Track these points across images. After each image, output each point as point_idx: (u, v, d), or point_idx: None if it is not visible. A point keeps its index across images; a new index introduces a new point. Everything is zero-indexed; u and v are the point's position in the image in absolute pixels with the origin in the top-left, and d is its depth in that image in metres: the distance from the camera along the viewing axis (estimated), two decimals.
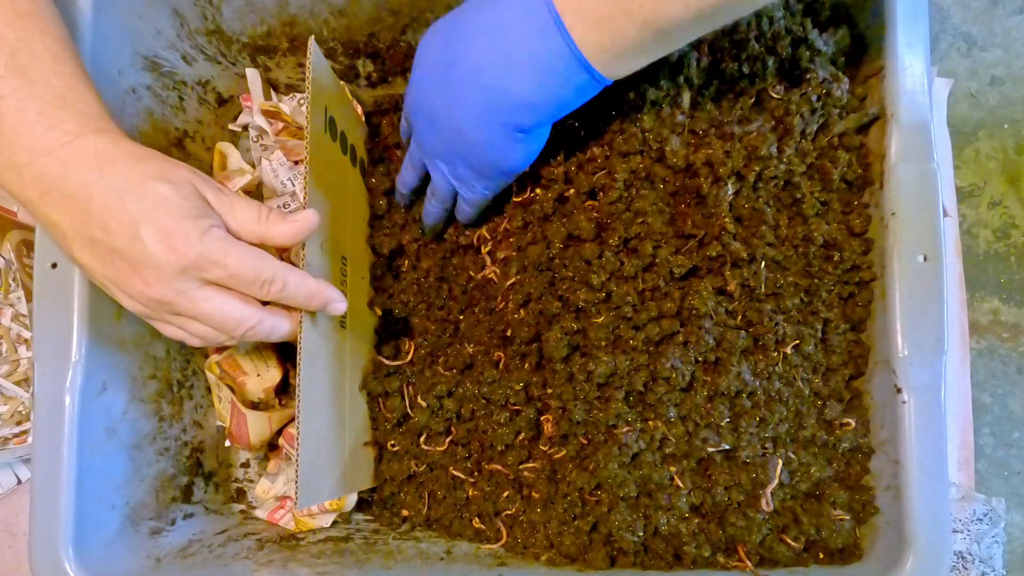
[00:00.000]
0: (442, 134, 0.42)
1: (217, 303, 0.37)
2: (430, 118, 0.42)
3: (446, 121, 0.41)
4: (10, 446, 0.55)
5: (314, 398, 0.41)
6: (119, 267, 0.36)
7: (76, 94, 0.37)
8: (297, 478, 0.38)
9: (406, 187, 0.50)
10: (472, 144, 0.41)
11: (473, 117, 0.40)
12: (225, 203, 0.38)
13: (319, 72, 0.42)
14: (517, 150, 0.41)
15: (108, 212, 0.34)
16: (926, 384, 0.40)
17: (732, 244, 0.43)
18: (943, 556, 0.39)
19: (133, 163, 0.36)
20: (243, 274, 0.36)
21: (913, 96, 0.42)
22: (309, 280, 0.39)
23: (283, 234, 0.39)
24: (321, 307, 0.40)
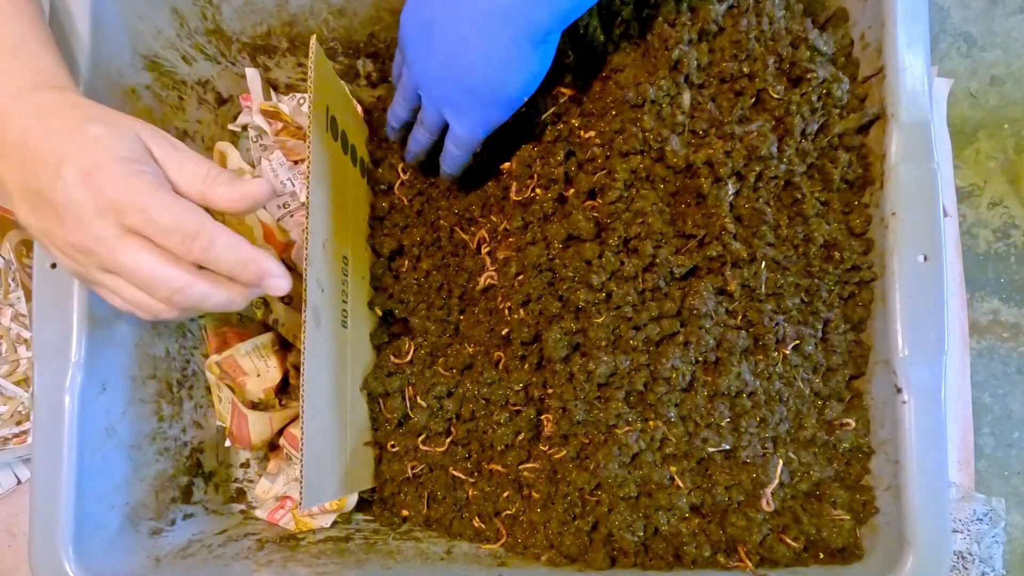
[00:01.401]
0: (440, 53, 0.40)
1: (140, 256, 0.33)
2: (427, 33, 0.39)
3: (447, 32, 0.38)
4: (10, 446, 0.55)
5: (317, 398, 0.41)
6: (45, 214, 0.33)
7: (30, 48, 0.36)
8: (301, 479, 0.38)
9: (397, 120, 0.48)
10: (474, 59, 0.38)
11: (480, 22, 0.37)
12: (173, 156, 0.35)
13: (321, 71, 0.42)
14: (524, 67, 0.39)
15: (38, 155, 0.33)
16: (926, 384, 0.40)
17: (732, 244, 0.43)
18: (943, 556, 0.39)
19: (75, 110, 0.34)
20: (164, 223, 0.33)
21: (913, 96, 0.42)
22: (243, 245, 0.35)
23: (226, 197, 0.35)
24: (255, 279, 0.36)
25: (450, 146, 0.45)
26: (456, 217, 0.51)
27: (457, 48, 0.39)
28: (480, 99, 0.41)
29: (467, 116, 0.42)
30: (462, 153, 0.45)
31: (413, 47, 0.42)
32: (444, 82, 0.41)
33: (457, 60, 0.39)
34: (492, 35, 0.37)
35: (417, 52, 0.41)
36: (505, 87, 0.40)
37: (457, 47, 0.39)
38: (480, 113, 0.42)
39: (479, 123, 0.42)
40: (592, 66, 0.46)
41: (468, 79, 0.40)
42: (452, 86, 0.41)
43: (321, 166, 0.42)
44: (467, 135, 0.43)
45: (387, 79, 0.56)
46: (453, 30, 0.38)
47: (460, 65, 0.39)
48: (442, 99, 0.42)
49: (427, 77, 0.42)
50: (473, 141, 0.44)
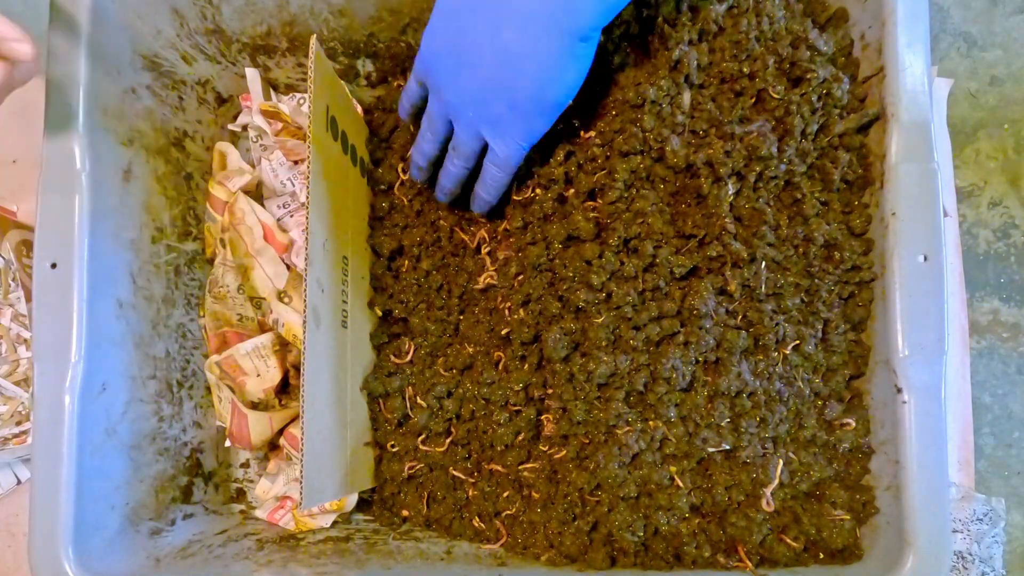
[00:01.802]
0: (478, 69, 0.37)
1: None
2: (459, 53, 0.38)
3: (485, 46, 0.36)
4: (10, 446, 0.55)
5: (317, 398, 0.41)
6: None
7: None
8: (301, 479, 0.38)
9: (425, 158, 0.46)
10: (519, 67, 0.36)
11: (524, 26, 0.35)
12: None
13: (321, 71, 0.42)
14: (572, 67, 0.37)
15: None
16: (926, 384, 0.40)
17: (732, 244, 0.43)
18: (943, 556, 0.39)
19: None
20: None
21: (913, 96, 0.42)
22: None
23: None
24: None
25: (492, 169, 0.42)
26: (456, 217, 0.51)
27: (498, 59, 0.37)
28: (525, 110, 0.39)
29: (511, 131, 0.40)
30: (505, 175, 0.43)
31: (442, 72, 0.40)
32: (484, 100, 0.39)
33: (499, 72, 0.37)
34: (538, 38, 0.36)
35: (448, 76, 0.39)
36: (553, 92, 0.38)
37: (498, 58, 0.37)
38: (525, 125, 0.40)
39: (525, 136, 0.40)
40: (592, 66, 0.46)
41: (512, 90, 0.38)
42: (493, 101, 0.39)
43: (321, 166, 0.42)
44: (512, 153, 0.41)
45: (387, 79, 0.56)
46: (491, 42, 0.36)
47: (503, 77, 0.37)
48: (482, 119, 0.40)
49: (463, 99, 0.40)
50: (518, 158, 0.42)
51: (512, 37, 0.36)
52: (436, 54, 0.40)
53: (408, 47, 0.52)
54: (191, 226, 0.54)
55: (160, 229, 0.50)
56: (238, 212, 0.53)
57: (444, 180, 0.46)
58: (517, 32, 0.36)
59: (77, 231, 0.42)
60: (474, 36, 0.37)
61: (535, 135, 0.41)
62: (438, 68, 0.40)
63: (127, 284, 0.46)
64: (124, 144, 0.46)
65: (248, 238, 0.52)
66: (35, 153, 0.58)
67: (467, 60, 0.38)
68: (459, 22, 0.38)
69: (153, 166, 0.49)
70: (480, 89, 0.39)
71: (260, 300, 0.53)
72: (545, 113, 0.40)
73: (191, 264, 0.54)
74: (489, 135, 0.41)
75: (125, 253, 0.46)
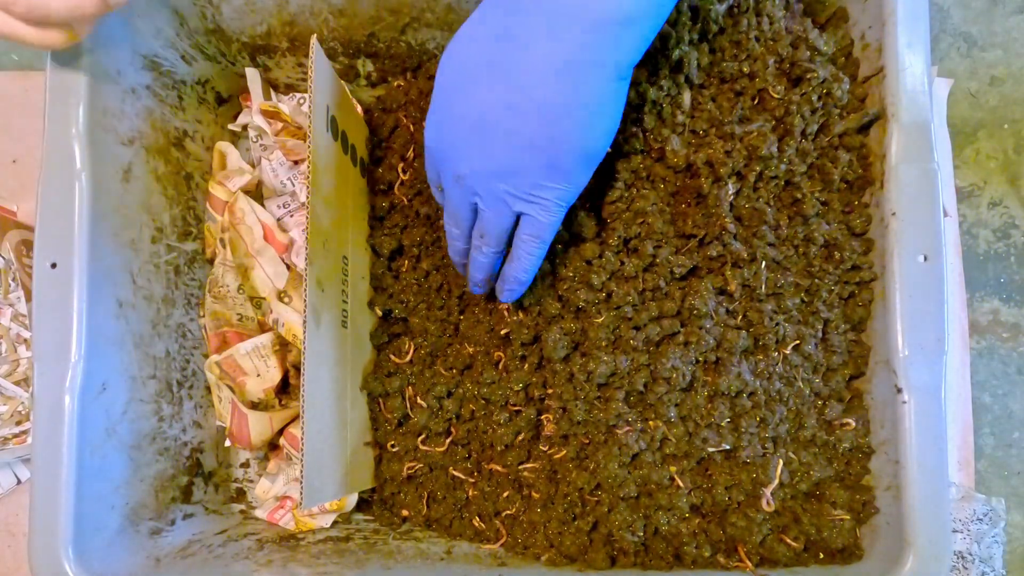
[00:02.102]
0: (510, 133, 0.34)
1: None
2: (483, 125, 0.34)
3: (518, 103, 0.33)
4: (10, 446, 0.55)
5: (318, 398, 0.41)
6: None
7: None
8: (302, 479, 0.38)
9: (460, 254, 0.42)
10: (560, 119, 0.33)
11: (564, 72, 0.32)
12: None
13: (321, 71, 0.42)
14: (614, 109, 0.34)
15: None
16: (926, 384, 0.40)
17: (732, 244, 0.43)
18: (943, 556, 0.39)
19: None
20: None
21: (913, 96, 0.42)
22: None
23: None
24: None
25: (528, 244, 0.38)
26: None
27: (535, 118, 0.33)
28: (568, 167, 0.35)
29: (553, 194, 0.36)
30: (543, 248, 0.38)
31: (462, 154, 0.36)
32: (518, 168, 0.35)
33: (537, 131, 0.33)
34: (581, 85, 0.32)
35: (470, 156, 0.35)
36: (596, 140, 0.35)
37: (535, 117, 0.33)
38: (568, 184, 0.36)
39: (567, 196, 0.36)
40: None
41: (553, 148, 0.34)
42: (532, 166, 0.35)
43: (321, 166, 0.42)
44: (554, 220, 0.37)
45: (387, 79, 0.56)
46: (524, 101, 0.33)
47: (541, 136, 0.33)
48: (518, 190, 0.36)
49: (492, 175, 0.36)
50: (558, 224, 0.38)
51: (552, 90, 0.32)
52: (450, 139, 0.36)
53: (408, 47, 0.52)
54: (191, 226, 0.54)
55: (160, 229, 0.50)
56: (238, 212, 0.53)
57: (476, 273, 0.42)
58: (557, 83, 0.32)
59: (77, 231, 0.42)
60: (497, 102, 0.33)
61: (577, 192, 0.37)
62: (456, 154, 0.36)
63: (127, 284, 0.46)
64: (124, 144, 0.46)
65: (248, 238, 0.52)
66: (35, 153, 0.58)
67: (494, 131, 0.34)
68: (474, 93, 0.34)
69: (153, 166, 0.49)
70: (513, 158, 0.35)
71: (260, 300, 0.53)
72: (591, 164, 0.36)
73: (191, 264, 0.54)
74: (526, 206, 0.37)
75: (125, 253, 0.46)
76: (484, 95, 0.34)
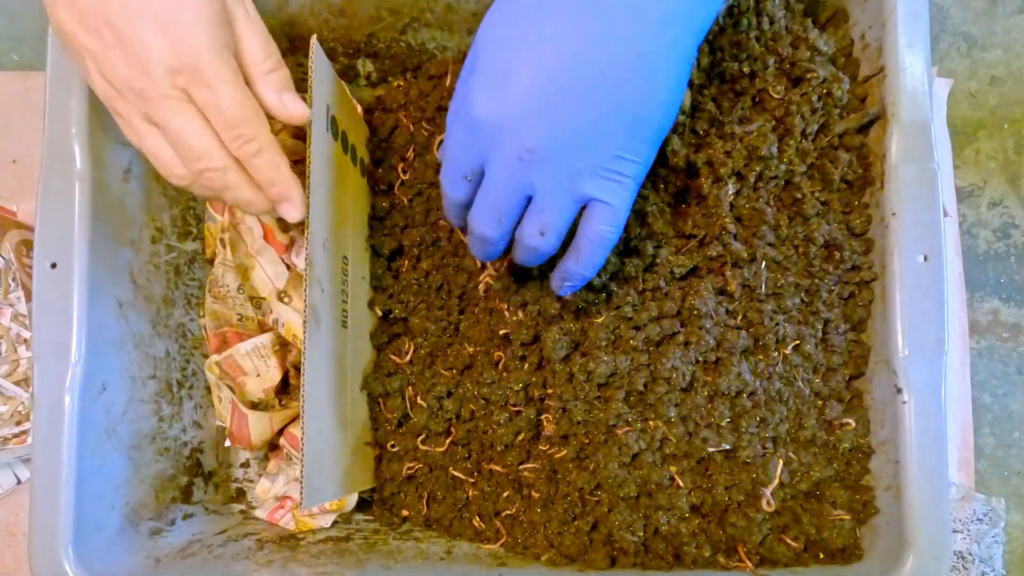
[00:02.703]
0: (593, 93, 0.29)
1: (191, 123, 0.34)
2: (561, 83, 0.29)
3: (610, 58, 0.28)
4: (10, 446, 0.55)
5: (318, 398, 0.41)
6: (108, 43, 0.32)
7: None
8: (302, 479, 0.38)
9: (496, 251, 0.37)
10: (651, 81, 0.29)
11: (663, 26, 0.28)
12: (241, 27, 0.35)
13: (321, 71, 0.42)
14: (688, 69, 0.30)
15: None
16: (926, 384, 0.40)
17: (732, 244, 0.43)
18: (943, 556, 0.39)
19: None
20: (230, 114, 0.33)
21: (913, 96, 0.42)
22: (284, 167, 0.36)
23: (270, 100, 0.36)
24: (276, 199, 0.37)
25: (599, 231, 0.33)
26: None
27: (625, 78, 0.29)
28: (647, 136, 0.31)
29: (629, 170, 0.32)
30: (616, 234, 0.34)
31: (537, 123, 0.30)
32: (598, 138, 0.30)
33: (624, 94, 0.29)
34: (676, 41, 0.29)
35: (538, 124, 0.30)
36: (673, 110, 0.31)
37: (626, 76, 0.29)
38: (643, 159, 0.32)
39: (642, 173, 0.32)
40: None
41: (637, 115, 0.30)
42: (614, 135, 0.30)
43: (321, 166, 0.42)
44: (629, 200, 0.33)
45: (387, 79, 0.55)
46: (621, 55, 0.29)
47: (628, 100, 0.30)
48: (593, 170, 0.31)
49: (562, 147, 0.31)
50: (629, 209, 0.34)
51: (649, 43, 0.29)
52: (516, 106, 0.30)
53: (408, 47, 0.52)
54: (191, 226, 0.54)
55: (160, 229, 0.50)
56: (238, 212, 0.53)
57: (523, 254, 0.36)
58: (654, 34, 0.29)
59: (77, 231, 0.42)
60: (577, 56, 0.29)
61: (647, 170, 0.33)
62: (525, 124, 0.30)
63: (127, 284, 0.46)
64: (124, 144, 0.46)
65: (248, 238, 0.52)
66: (35, 153, 0.58)
67: (571, 93, 0.29)
68: (543, 48, 0.29)
69: (153, 166, 0.49)
70: (594, 125, 0.30)
71: (260, 300, 0.53)
72: (661, 138, 0.32)
73: (191, 264, 0.54)
74: (601, 185, 0.32)
75: (125, 253, 0.46)
76: (558, 49, 0.29)
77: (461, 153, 0.34)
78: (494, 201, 0.33)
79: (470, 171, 0.34)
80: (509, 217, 0.34)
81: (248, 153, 0.35)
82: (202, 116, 0.34)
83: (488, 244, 0.36)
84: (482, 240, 0.36)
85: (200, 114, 0.34)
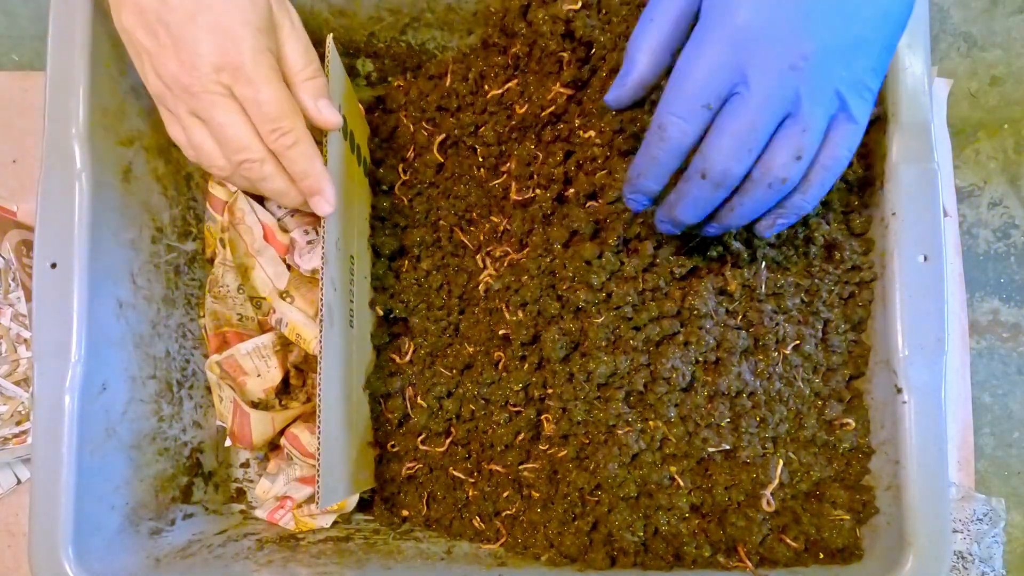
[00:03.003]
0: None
1: (235, 120, 0.37)
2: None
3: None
4: (10, 446, 0.55)
5: (331, 397, 0.41)
6: (162, 42, 0.36)
7: None
8: (319, 478, 0.38)
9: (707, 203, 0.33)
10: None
11: None
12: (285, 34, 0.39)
13: (336, 71, 0.42)
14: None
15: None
16: (926, 384, 0.40)
17: (732, 244, 0.43)
18: (943, 556, 0.39)
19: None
20: (267, 110, 0.37)
21: (913, 96, 0.42)
22: (317, 160, 0.39)
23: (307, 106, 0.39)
24: (308, 193, 0.40)
25: (842, 154, 0.31)
26: (456, 218, 0.51)
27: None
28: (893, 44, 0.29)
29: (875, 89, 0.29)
30: (849, 158, 0.31)
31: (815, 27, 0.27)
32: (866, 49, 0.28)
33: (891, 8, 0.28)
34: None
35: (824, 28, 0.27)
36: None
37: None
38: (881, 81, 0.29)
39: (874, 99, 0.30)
40: (592, 66, 0.46)
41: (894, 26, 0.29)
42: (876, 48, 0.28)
43: (336, 165, 0.42)
44: (866, 121, 0.30)
45: (387, 79, 0.55)
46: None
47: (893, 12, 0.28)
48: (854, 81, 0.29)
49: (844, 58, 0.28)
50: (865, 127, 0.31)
51: None
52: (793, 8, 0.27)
53: (408, 47, 0.52)
54: (191, 226, 0.54)
55: (160, 229, 0.50)
56: (238, 212, 0.53)
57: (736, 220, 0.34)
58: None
59: (77, 231, 0.42)
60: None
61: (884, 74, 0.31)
62: (803, 27, 0.27)
63: (127, 284, 0.46)
64: (124, 144, 0.46)
65: (248, 238, 0.52)
66: (35, 153, 0.58)
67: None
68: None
69: (153, 166, 0.49)
70: (864, 30, 0.27)
71: (260, 300, 0.53)
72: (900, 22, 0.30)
73: (191, 264, 0.54)
74: (855, 102, 0.29)
75: (125, 253, 0.46)
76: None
77: (710, 74, 0.29)
78: (751, 124, 0.29)
79: (716, 96, 0.29)
80: (761, 143, 0.30)
81: (284, 145, 0.38)
82: (243, 111, 0.37)
83: (722, 187, 0.31)
84: (718, 182, 0.31)
85: (241, 109, 0.37)
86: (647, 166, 0.32)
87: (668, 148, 0.31)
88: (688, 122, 0.30)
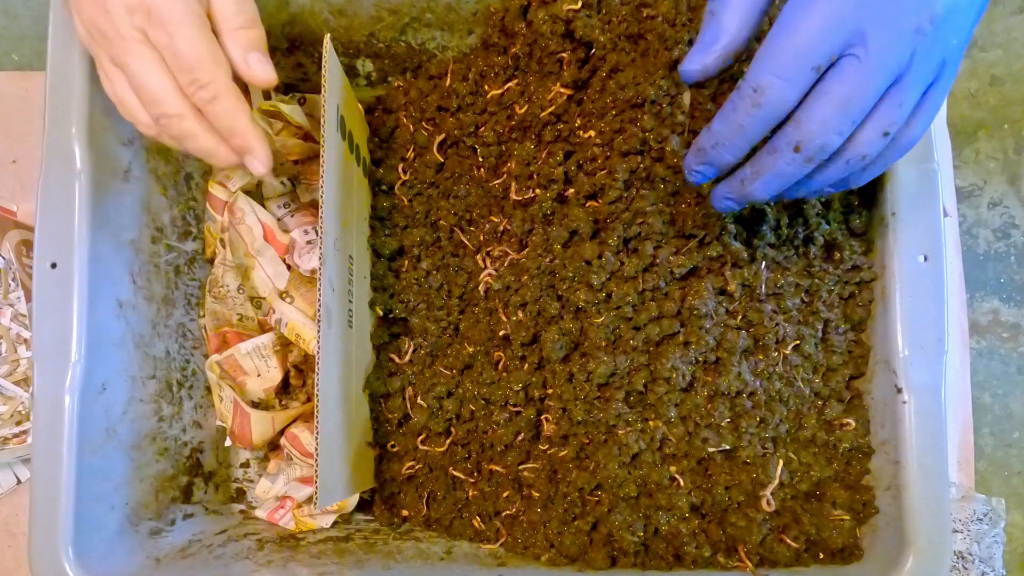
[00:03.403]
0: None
1: (148, 69, 0.33)
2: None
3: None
4: (10, 446, 0.55)
5: (329, 397, 0.41)
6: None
7: None
8: (317, 478, 0.38)
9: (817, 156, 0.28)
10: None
11: None
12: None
13: (334, 71, 0.42)
14: None
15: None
16: (926, 384, 0.40)
17: (732, 244, 0.43)
18: (943, 556, 0.39)
19: None
20: (183, 58, 0.33)
21: None
22: (242, 116, 0.35)
23: (234, 57, 0.36)
24: (238, 151, 0.36)
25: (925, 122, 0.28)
26: (456, 218, 0.51)
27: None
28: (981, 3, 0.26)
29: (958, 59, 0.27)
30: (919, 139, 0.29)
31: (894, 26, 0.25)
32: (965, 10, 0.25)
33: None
34: None
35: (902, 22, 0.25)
36: None
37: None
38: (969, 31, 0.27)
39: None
40: (592, 66, 0.46)
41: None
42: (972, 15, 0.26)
43: (333, 165, 0.42)
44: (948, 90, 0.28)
45: (387, 79, 0.55)
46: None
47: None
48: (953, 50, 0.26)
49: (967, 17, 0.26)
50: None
51: None
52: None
53: (408, 47, 0.52)
54: (191, 226, 0.54)
55: (160, 229, 0.50)
56: (238, 212, 0.53)
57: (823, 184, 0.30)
58: None
59: (77, 231, 0.42)
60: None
61: None
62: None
63: (127, 284, 0.46)
64: (124, 144, 0.46)
65: (248, 238, 0.52)
66: (35, 153, 0.58)
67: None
68: None
69: (153, 166, 0.49)
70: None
71: (260, 300, 0.53)
72: None
73: (191, 264, 0.54)
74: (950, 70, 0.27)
75: (125, 253, 0.46)
76: None
77: (825, 31, 0.26)
78: (862, 93, 0.26)
79: (827, 57, 0.26)
80: (863, 116, 0.27)
81: (203, 99, 0.34)
82: (161, 59, 0.34)
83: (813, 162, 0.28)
84: (811, 156, 0.28)
85: (159, 57, 0.34)
86: (729, 134, 0.29)
87: (761, 115, 0.28)
88: (791, 86, 0.27)
